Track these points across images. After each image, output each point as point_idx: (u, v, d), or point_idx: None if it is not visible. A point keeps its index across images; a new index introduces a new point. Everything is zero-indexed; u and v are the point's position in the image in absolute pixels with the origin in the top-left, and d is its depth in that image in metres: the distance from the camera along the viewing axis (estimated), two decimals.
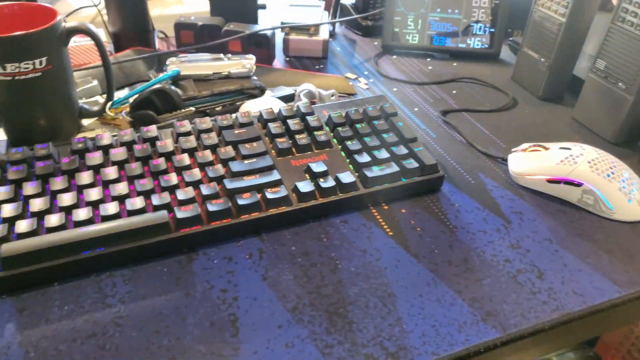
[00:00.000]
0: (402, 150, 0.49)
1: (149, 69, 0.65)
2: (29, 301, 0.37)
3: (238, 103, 0.58)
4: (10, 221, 0.39)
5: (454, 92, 0.68)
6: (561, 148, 0.51)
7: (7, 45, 0.44)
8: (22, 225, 0.38)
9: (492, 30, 0.76)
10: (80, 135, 0.52)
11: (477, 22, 0.75)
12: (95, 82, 0.60)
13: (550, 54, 0.64)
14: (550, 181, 0.49)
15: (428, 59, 0.77)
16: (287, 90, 0.62)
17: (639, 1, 0.52)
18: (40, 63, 0.46)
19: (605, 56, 0.57)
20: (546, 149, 0.52)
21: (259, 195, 0.44)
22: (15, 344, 0.34)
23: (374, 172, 0.47)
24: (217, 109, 0.57)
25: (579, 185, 0.48)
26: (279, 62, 0.73)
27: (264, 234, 0.44)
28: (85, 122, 0.55)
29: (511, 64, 0.76)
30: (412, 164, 0.48)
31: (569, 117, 0.64)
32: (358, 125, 0.51)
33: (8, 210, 0.39)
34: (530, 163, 0.51)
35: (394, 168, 0.47)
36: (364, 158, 0.48)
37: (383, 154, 0.49)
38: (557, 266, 0.42)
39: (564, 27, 0.61)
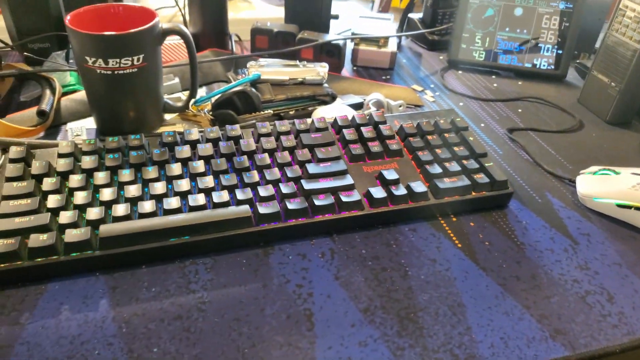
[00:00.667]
0: (473, 164, 0.50)
1: (226, 71, 0.68)
2: (120, 280, 0.40)
3: (310, 108, 0.61)
4: (107, 204, 0.42)
5: (520, 110, 0.69)
6: (633, 173, 0.50)
7: (111, 42, 0.47)
8: (119, 209, 0.41)
9: (560, 51, 0.75)
10: (164, 129, 0.56)
11: (545, 43, 0.75)
12: (176, 80, 0.64)
13: (622, 79, 0.64)
14: (620, 206, 0.49)
15: (493, 76, 0.77)
16: (355, 99, 0.64)
17: None
18: (138, 60, 0.49)
19: None
20: (617, 173, 0.51)
21: (332, 197, 0.45)
22: (110, 319, 0.37)
23: (446, 183, 0.48)
24: (290, 112, 0.59)
25: None
26: (346, 70, 0.75)
27: (335, 235, 0.46)
28: (167, 116, 0.59)
29: (577, 86, 0.76)
30: (483, 178, 0.49)
31: (637, 143, 0.63)
32: (429, 137, 0.53)
33: (106, 194, 0.42)
34: (600, 186, 0.51)
35: (465, 181, 0.48)
36: (436, 169, 0.49)
37: (454, 166, 0.50)
38: (628, 291, 0.42)
39: (638, 53, 0.61)
